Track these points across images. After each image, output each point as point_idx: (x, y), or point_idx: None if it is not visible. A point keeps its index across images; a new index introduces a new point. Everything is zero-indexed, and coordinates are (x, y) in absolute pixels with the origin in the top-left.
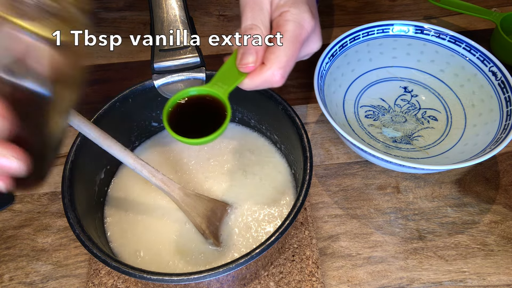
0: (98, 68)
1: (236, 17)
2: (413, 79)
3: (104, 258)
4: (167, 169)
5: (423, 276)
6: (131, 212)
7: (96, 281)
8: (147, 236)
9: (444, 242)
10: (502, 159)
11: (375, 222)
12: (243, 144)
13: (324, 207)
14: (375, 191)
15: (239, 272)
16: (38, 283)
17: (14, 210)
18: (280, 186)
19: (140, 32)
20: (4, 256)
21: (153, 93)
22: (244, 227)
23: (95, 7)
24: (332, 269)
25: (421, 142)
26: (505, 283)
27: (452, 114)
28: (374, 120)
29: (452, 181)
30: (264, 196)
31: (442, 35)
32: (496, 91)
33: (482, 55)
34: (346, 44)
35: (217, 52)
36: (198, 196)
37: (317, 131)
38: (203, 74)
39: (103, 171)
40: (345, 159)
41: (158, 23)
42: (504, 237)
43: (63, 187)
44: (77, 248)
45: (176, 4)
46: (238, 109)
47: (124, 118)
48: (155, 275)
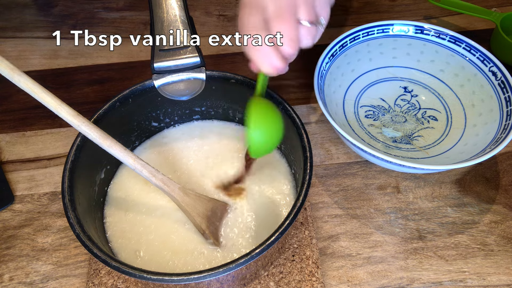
0: (98, 68)
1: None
2: (413, 79)
3: (104, 258)
4: (167, 168)
5: (423, 276)
6: (131, 212)
7: (96, 281)
8: (147, 236)
9: (444, 242)
10: (502, 159)
11: (375, 222)
12: (243, 144)
13: (324, 207)
14: (375, 191)
15: (239, 272)
16: (38, 283)
17: (14, 210)
18: (280, 186)
19: (140, 32)
20: (4, 256)
21: (153, 93)
22: (244, 227)
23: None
24: (332, 269)
25: (421, 142)
26: (505, 283)
27: (452, 114)
28: (374, 120)
29: (452, 181)
30: (264, 196)
31: (442, 35)
32: (496, 91)
33: (482, 55)
34: (346, 44)
35: (217, 52)
36: (198, 196)
37: (317, 131)
38: (203, 74)
39: (103, 171)
40: (345, 159)
41: (158, 23)
42: (504, 237)
43: (63, 187)
44: (77, 248)
45: (176, 4)
46: (238, 109)
47: (124, 118)
48: (155, 275)
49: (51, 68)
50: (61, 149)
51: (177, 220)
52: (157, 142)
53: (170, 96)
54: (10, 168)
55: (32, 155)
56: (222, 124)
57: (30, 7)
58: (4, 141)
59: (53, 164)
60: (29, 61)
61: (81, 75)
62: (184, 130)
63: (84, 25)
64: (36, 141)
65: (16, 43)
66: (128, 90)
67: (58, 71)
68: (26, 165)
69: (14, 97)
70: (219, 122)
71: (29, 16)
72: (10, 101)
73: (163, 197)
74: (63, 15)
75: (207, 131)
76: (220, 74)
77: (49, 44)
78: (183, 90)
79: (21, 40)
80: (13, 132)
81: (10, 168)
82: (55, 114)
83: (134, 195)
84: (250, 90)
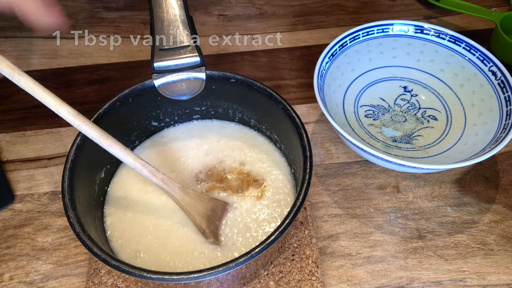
0: (98, 68)
1: (236, 17)
2: (413, 79)
3: (104, 257)
4: (167, 168)
5: (423, 275)
6: (131, 211)
7: (96, 280)
8: (147, 236)
9: (444, 241)
10: (502, 159)
11: (375, 221)
12: (242, 143)
13: (324, 207)
14: (375, 190)
15: (239, 271)
16: (38, 282)
17: (14, 209)
18: (280, 185)
19: (140, 32)
20: (4, 255)
21: (153, 93)
22: (243, 227)
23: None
24: (332, 268)
25: (421, 142)
26: (505, 282)
27: (452, 113)
28: (374, 119)
29: (452, 180)
30: (264, 196)
31: (442, 34)
32: (496, 91)
33: (482, 54)
34: (346, 44)
35: (217, 52)
36: (198, 196)
37: (317, 130)
38: (203, 74)
39: (103, 170)
40: (345, 158)
41: (158, 23)
42: (504, 236)
43: (63, 186)
44: (77, 247)
45: (176, 4)
46: (238, 108)
47: (124, 118)
48: (155, 274)
49: (51, 68)
50: (61, 149)
51: (177, 220)
52: (157, 141)
53: (170, 95)
54: (10, 167)
55: (32, 154)
56: (222, 124)
57: None
58: (4, 141)
59: (53, 164)
60: (29, 61)
61: (81, 74)
62: (184, 129)
63: (84, 25)
64: (36, 141)
65: (16, 43)
66: (128, 89)
67: (58, 71)
68: (26, 164)
69: (14, 97)
70: (218, 121)
71: None
72: (10, 100)
73: (163, 196)
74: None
75: (206, 131)
76: (220, 74)
77: (49, 44)
78: (183, 89)
79: (21, 40)
80: (13, 132)
81: (10, 167)
82: (55, 114)
83: (134, 194)
84: (250, 90)
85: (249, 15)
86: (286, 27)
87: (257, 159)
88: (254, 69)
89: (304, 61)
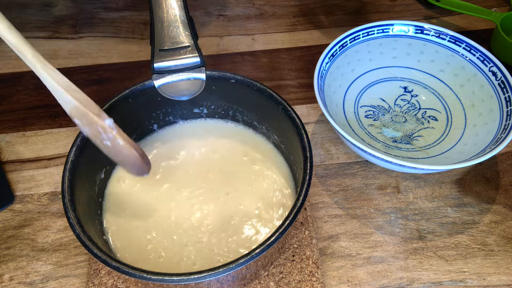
0: (98, 68)
1: (236, 17)
2: (413, 79)
3: (104, 258)
4: (167, 167)
5: (423, 276)
6: (131, 211)
7: (96, 281)
8: (147, 237)
9: (444, 242)
10: (502, 159)
11: (375, 222)
12: (243, 144)
13: (324, 207)
14: (375, 191)
15: (239, 272)
16: (38, 283)
17: (14, 210)
18: (280, 186)
19: (140, 32)
20: (4, 256)
21: (153, 93)
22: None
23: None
24: (332, 269)
25: (421, 142)
26: (505, 283)
27: (452, 114)
28: (374, 120)
29: (452, 181)
30: (264, 196)
31: (442, 35)
32: (496, 91)
33: (482, 55)
34: (346, 44)
35: (217, 52)
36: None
37: (317, 131)
38: (203, 74)
39: (103, 171)
40: (345, 159)
41: (158, 23)
42: (504, 237)
43: (63, 187)
44: (77, 248)
45: (176, 4)
46: (238, 109)
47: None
48: (155, 275)
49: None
50: (61, 149)
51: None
52: (157, 141)
53: (170, 96)
54: (10, 168)
55: (32, 155)
56: (222, 124)
57: (30, 7)
58: (4, 141)
59: (53, 164)
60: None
61: (81, 75)
62: (184, 130)
63: (84, 25)
64: (36, 141)
65: None
66: (128, 90)
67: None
68: (26, 165)
69: (14, 97)
70: (218, 122)
71: (29, 16)
72: (10, 101)
73: (163, 197)
74: (63, 15)
75: (206, 131)
76: (220, 74)
77: (49, 44)
78: (183, 90)
79: None
80: (13, 132)
81: (10, 168)
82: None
83: (134, 195)
84: (250, 90)
85: (249, 15)
86: (286, 27)
87: (257, 159)
88: (254, 69)
89: (304, 62)
